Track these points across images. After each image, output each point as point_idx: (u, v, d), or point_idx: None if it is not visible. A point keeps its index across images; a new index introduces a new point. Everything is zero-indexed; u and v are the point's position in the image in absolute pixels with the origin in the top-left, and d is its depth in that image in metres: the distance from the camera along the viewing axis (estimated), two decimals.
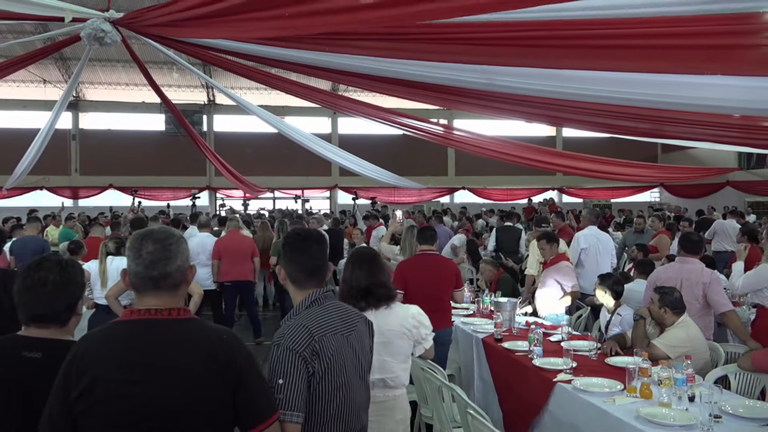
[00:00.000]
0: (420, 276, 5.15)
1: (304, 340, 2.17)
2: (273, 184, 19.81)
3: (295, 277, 2.39)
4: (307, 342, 2.17)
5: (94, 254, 6.85)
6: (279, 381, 2.08)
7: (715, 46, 3.36)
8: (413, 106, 12.26)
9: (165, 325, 1.85)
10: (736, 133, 5.80)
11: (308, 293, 2.36)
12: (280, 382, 2.08)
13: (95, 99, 22.80)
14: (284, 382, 2.08)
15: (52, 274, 2.11)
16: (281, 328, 2.26)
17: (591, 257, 7.40)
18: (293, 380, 2.10)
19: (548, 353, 4.45)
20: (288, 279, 2.40)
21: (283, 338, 2.17)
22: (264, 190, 18.79)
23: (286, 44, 4.76)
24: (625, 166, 14.26)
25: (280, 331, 2.24)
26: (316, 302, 2.34)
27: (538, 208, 19.53)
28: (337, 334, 2.29)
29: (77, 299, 2.19)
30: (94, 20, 5.10)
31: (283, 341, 2.16)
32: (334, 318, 2.34)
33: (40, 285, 2.08)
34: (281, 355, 2.13)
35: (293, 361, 2.12)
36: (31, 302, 2.09)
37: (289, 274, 2.40)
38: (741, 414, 3.24)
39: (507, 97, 5.09)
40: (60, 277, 2.11)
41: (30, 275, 2.11)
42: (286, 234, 2.60)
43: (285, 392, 2.07)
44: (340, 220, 13.50)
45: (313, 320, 2.26)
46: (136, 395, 1.74)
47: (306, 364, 2.14)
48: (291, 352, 2.13)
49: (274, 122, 11.46)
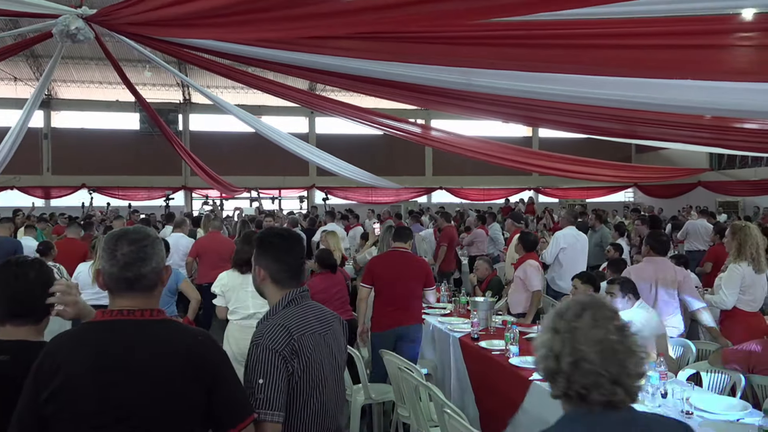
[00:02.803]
0: (389, 272, 5.21)
1: (284, 339, 2.16)
2: (250, 184, 19.65)
3: (279, 277, 2.37)
4: (286, 341, 2.16)
5: (71, 255, 6.75)
6: (259, 381, 2.07)
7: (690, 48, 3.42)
8: (391, 106, 12.28)
9: (138, 326, 1.83)
10: (707, 134, 5.91)
11: (286, 293, 2.35)
12: (260, 382, 2.07)
13: (68, 97, 22.41)
14: (264, 381, 2.08)
15: (32, 270, 2.08)
16: (259, 328, 2.25)
17: (569, 257, 7.47)
18: (273, 379, 2.09)
19: (524, 352, 4.48)
20: (269, 279, 2.37)
21: (262, 338, 2.16)
22: (240, 190, 18.64)
23: (264, 44, 4.73)
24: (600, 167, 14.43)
25: (258, 330, 2.22)
26: (293, 302, 2.34)
27: (515, 207, 19.68)
28: (315, 334, 2.29)
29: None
30: (67, 17, 5.00)
31: (262, 341, 2.15)
32: (311, 318, 2.34)
33: (22, 280, 2.04)
34: (261, 354, 2.12)
35: (273, 361, 2.11)
36: (11, 298, 2.04)
37: (272, 275, 2.37)
38: (712, 410, 3.30)
39: (484, 97, 5.11)
40: (39, 274, 2.08)
41: (10, 271, 2.06)
42: (263, 234, 2.56)
43: (265, 392, 2.06)
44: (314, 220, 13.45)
45: (292, 320, 2.25)
46: (109, 397, 1.71)
47: (286, 363, 2.14)
48: (271, 352, 2.12)
49: (250, 122, 11.38)
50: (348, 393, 4.76)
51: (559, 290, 7.32)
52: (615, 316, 1.62)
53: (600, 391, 1.54)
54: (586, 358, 1.55)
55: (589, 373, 1.54)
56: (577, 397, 1.59)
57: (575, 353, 1.56)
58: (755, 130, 5.37)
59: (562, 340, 1.59)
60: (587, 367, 1.54)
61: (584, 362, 1.55)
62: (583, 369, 1.55)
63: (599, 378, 1.53)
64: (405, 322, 5.20)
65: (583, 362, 1.55)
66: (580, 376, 1.55)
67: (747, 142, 6.41)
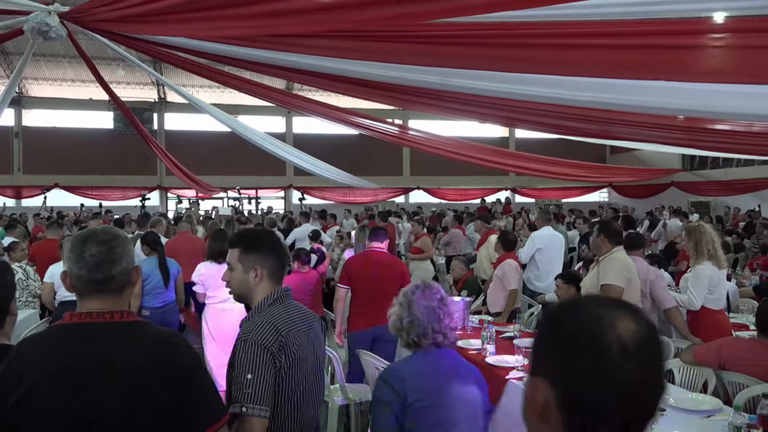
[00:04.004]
0: (364, 272, 5.22)
1: (272, 335, 2.20)
2: (226, 184, 19.50)
3: (278, 273, 2.43)
4: (274, 337, 2.20)
5: (51, 256, 6.60)
6: (248, 376, 2.11)
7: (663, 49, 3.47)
8: (368, 106, 12.26)
9: (108, 329, 1.78)
10: (680, 135, 6.01)
11: (271, 291, 2.38)
12: (248, 377, 2.10)
13: (39, 95, 21.98)
14: (253, 377, 2.11)
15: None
16: (247, 325, 2.28)
17: (546, 257, 7.52)
18: (262, 375, 2.12)
19: (501, 351, 4.51)
20: (266, 276, 2.39)
21: (251, 334, 2.19)
22: (217, 189, 18.49)
23: (240, 42, 4.69)
24: (575, 167, 14.60)
25: (246, 327, 2.26)
26: (278, 300, 2.38)
27: (491, 207, 19.80)
28: (300, 332, 2.33)
29: (8, 300, 2.10)
30: (38, 13, 4.91)
31: (251, 337, 2.18)
32: (296, 316, 2.38)
33: None
34: (249, 350, 2.15)
35: (261, 356, 2.15)
36: None
37: (270, 271, 2.40)
38: (684, 407, 3.35)
39: (461, 98, 5.14)
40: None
41: None
42: (258, 234, 2.60)
43: (254, 387, 2.10)
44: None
45: (278, 317, 2.29)
46: (78, 400, 1.67)
47: (274, 359, 2.17)
48: (259, 347, 2.16)
49: (227, 121, 11.30)
50: (325, 393, 4.74)
51: (536, 290, 7.36)
52: (438, 291, 2.59)
53: (427, 337, 2.49)
54: (417, 317, 2.50)
55: (420, 327, 2.49)
56: (413, 343, 2.54)
57: (410, 314, 2.52)
58: (726, 131, 5.48)
59: (403, 308, 2.55)
60: (418, 323, 2.50)
61: (416, 321, 2.50)
62: (414, 324, 2.51)
63: (426, 330, 2.48)
64: (382, 322, 5.13)
65: (416, 321, 2.50)
66: (414, 329, 2.50)
67: (718, 143, 6.53)
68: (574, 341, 0.97)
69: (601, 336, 0.95)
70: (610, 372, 0.94)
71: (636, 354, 0.95)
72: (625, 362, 0.94)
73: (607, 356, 0.94)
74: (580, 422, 0.96)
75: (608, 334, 0.95)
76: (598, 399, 0.95)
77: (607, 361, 0.94)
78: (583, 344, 0.96)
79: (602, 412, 0.95)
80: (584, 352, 0.96)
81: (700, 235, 5.10)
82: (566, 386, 0.97)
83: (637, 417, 0.97)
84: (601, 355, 0.95)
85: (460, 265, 7.72)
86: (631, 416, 0.96)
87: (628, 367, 0.94)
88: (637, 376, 0.95)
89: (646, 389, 0.97)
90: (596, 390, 0.94)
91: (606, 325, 0.96)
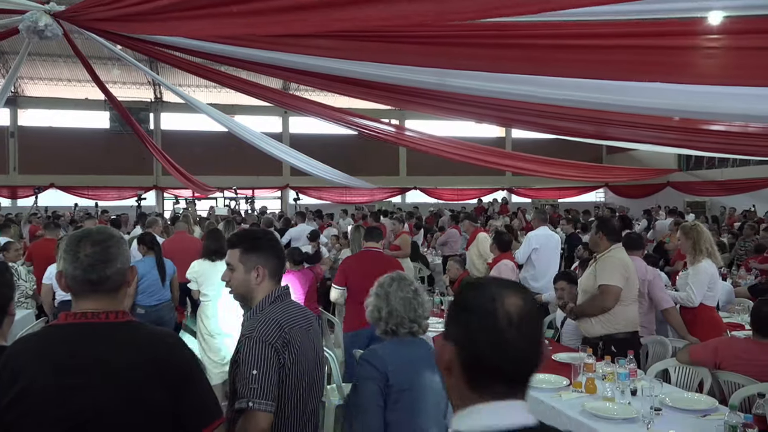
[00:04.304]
0: (361, 271, 5.22)
1: (276, 332, 2.25)
2: (223, 184, 19.47)
3: (279, 272, 2.49)
4: (278, 334, 2.25)
5: (49, 256, 6.58)
6: (253, 372, 2.16)
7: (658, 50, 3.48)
8: (365, 106, 12.26)
9: (102, 329, 1.78)
10: (675, 135, 6.02)
11: (272, 290, 2.43)
12: (254, 373, 2.15)
13: (35, 95, 21.90)
14: (258, 372, 2.16)
15: None
16: (250, 323, 2.33)
17: (542, 257, 7.52)
18: (267, 370, 2.18)
19: None
20: (268, 276, 2.44)
21: (255, 331, 2.24)
22: (214, 189, 18.46)
23: (237, 42, 4.69)
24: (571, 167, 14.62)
25: (249, 325, 2.31)
26: (279, 299, 2.43)
27: (487, 207, 19.82)
28: (301, 329, 2.38)
29: (8, 299, 2.09)
30: (34, 12, 4.89)
31: (255, 334, 2.23)
32: (296, 313, 2.42)
33: None
34: (254, 346, 2.20)
35: (266, 352, 2.20)
36: None
37: (272, 270, 2.45)
38: (680, 406, 3.36)
39: (458, 98, 5.15)
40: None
41: None
42: (259, 234, 2.63)
43: (259, 382, 2.15)
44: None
45: (281, 314, 2.34)
46: (73, 401, 1.67)
47: (278, 355, 2.23)
48: (264, 344, 2.21)
49: (223, 121, 11.28)
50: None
51: (532, 290, 7.34)
52: (412, 284, 2.79)
53: (404, 327, 2.66)
54: (395, 308, 2.66)
55: (397, 317, 2.66)
56: (391, 332, 2.68)
57: (388, 305, 2.67)
58: (721, 131, 5.49)
59: (381, 299, 2.71)
60: (396, 313, 2.67)
61: (394, 311, 2.66)
62: (392, 314, 2.67)
63: (403, 320, 2.66)
64: None
65: (394, 311, 2.66)
66: (390, 318, 2.67)
67: (713, 143, 6.55)
68: (472, 312, 1.24)
69: (493, 309, 1.22)
70: (498, 337, 1.21)
71: (519, 324, 1.22)
72: (510, 329, 1.21)
73: (496, 324, 1.21)
74: (475, 376, 1.23)
75: (499, 307, 1.22)
76: (488, 357, 1.21)
77: (496, 328, 1.21)
78: (479, 315, 1.23)
79: (491, 368, 1.21)
80: (479, 321, 1.23)
81: (698, 234, 5.14)
82: (465, 347, 1.24)
83: (519, 373, 1.24)
84: (491, 324, 1.21)
85: (456, 265, 7.72)
86: (514, 373, 1.24)
87: (513, 333, 1.21)
88: (519, 340, 1.21)
89: (527, 352, 1.23)
90: (487, 350, 1.21)
91: (498, 301, 1.22)
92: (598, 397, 3.51)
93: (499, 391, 1.23)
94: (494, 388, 1.23)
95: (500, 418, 1.20)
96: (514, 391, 1.24)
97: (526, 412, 1.24)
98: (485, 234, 8.85)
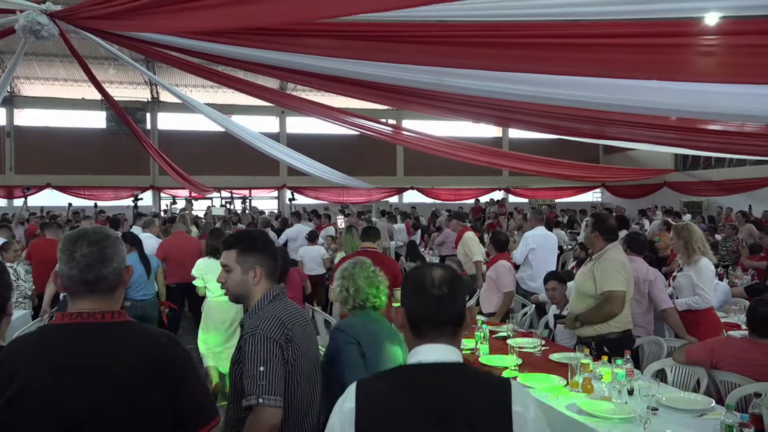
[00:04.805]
0: None
1: (278, 329, 2.28)
2: (220, 184, 19.44)
3: (272, 272, 2.50)
4: (281, 331, 2.28)
5: (50, 256, 6.60)
6: (260, 368, 2.18)
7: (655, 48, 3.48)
8: (363, 106, 12.26)
9: (99, 329, 1.77)
10: (672, 135, 6.03)
11: (269, 289, 2.45)
12: (261, 369, 2.18)
13: (32, 95, 21.85)
14: (265, 368, 2.18)
15: None
16: (251, 321, 2.35)
17: (539, 257, 7.52)
18: (273, 366, 2.20)
19: (494, 351, 4.52)
20: (264, 276, 2.47)
21: (258, 329, 2.26)
22: (211, 189, 18.44)
23: (234, 41, 4.68)
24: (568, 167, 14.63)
25: (251, 323, 2.32)
26: (277, 297, 2.45)
27: (485, 207, 19.83)
28: (301, 326, 2.41)
29: (6, 300, 2.09)
30: (30, 12, 4.88)
31: (258, 331, 2.25)
32: (294, 311, 2.45)
33: None
34: (259, 343, 2.23)
35: (271, 348, 2.23)
36: None
37: (268, 271, 2.48)
38: (677, 406, 3.36)
39: (455, 97, 5.14)
40: None
41: None
42: (255, 235, 2.63)
43: (267, 378, 2.17)
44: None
45: (281, 312, 2.37)
46: (70, 401, 1.66)
47: (282, 351, 2.26)
48: (268, 340, 2.24)
49: (220, 121, 11.26)
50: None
51: (529, 290, 7.37)
52: (370, 266, 3.14)
53: (369, 302, 3.03)
54: (360, 286, 3.02)
55: (363, 293, 3.02)
56: (358, 307, 3.03)
57: (354, 285, 3.03)
58: (718, 131, 5.50)
59: (347, 281, 3.05)
60: (361, 290, 3.01)
61: (360, 288, 3.02)
62: (358, 291, 3.02)
63: (368, 295, 3.03)
64: None
65: (360, 289, 3.02)
66: (357, 295, 3.02)
67: (711, 143, 6.56)
68: (410, 282, 1.80)
69: (422, 277, 1.76)
70: (424, 295, 1.74)
71: (439, 285, 1.74)
72: (432, 289, 1.74)
73: (423, 287, 1.75)
74: (415, 326, 1.76)
75: (426, 276, 1.76)
76: (420, 311, 1.76)
77: (423, 290, 1.74)
78: (413, 282, 1.79)
79: (424, 317, 1.75)
80: (413, 287, 1.78)
81: (689, 233, 5.15)
82: (407, 307, 1.78)
83: (444, 321, 1.74)
84: (420, 287, 1.75)
85: (453, 265, 7.72)
86: (440, 323, 1.74)
87: (434, 292, 1.73)
88: (441, 298, 1.73)
89: (447, 306, 1.75)
90: (419, 306, 1.76)
91: (426, 273, 1.78)
92: (595, 396, 3.51)
93: (431, 337, 1.73)
94: (427, 335, 1.74)
95: (430, 355, 1.72)
96: (442, 338, 1.73)
97: (451, 353, 1.73)
98: (471, 233, 8.90)
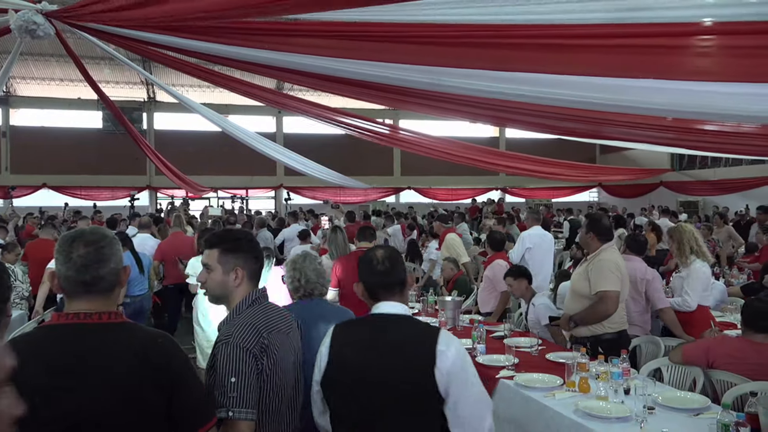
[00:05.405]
0: (353, 273, 5.17)
1: (253, 337, 2.16)
2: (217, 184, 19.44)
3: (255, 274, 2.39)
4: (256, 339, 2.16)
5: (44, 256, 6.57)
6: (231, 379, 2.06)
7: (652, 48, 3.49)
8: (359, 106, 12.26)
9: (95, 330, 1.77)
10: (669, 135, 6.04)
11: (249, 293, 2.34)
12: (232, 381, 2.06)
13: (27, 94, 21.81)
14: (237, 380, 2.07)
15: None
16: (226, 328, 2.23)
17: (536, 257, 7.52)
18: (245, 377, 2.08)
19: (491, 350, 4.52)
20: (246, 278, 2.35)
21: (232, 337, 2.14)
22: (207, 189, 18.43)
23: (230, 41, 4.67)
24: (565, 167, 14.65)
25: (226, 329, 2.21)
26: (257, 301, 2.33)
27: (482, 207, 19.84)
28: (281, 332, 2.30)
29: (5, 301, 2.08)
30: (26, 11, 4.87)
31: (232, 339, 2.13)
32: (275, 317, 2.34)
33: None
34: (231, 353, 2.11)
35: (244, 359, 2.10)
36: None
37: (250, 272, 2.37)
38: (673, 405, 3.37)
39: (452, 97, 5.14)
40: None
41: None
42: (239, 235, 2.52)
43: (238, 390, 2.05)
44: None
45: (259, 318, 2.25)
46: (66, 402, 1.65)
47: (256, 361, 2.13)
48: (241, 350, 2.11)
49: (217, 121, 11.26)
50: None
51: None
52: (317, 258, 3.50)
53: (316, 290, 3.35)
54: (310, 277, 3.33)
55: (312, 283, 3.33)
56: (307, 295, 3.33)
57: (304, 276, 3.32)
58: (714, 131, 5.51)
59: (298, 272, 3.33)
60: (311, 281, 3.33)
61: (309, 279, 3.32)
62: (308, 282, 3.33)
63: (316, 285, 3.34)
64: None
65: (309, 279, 3.32)
66: (307, 285, 3.31)
67: (707, 142, 6.58)
68: (363, 262, 2.37)
69: (371, 256, 2.36)
70: (373, 270, 2.32)
71: (383, 262, 2.33)
72: (378, 265, 2.32)
73: (371, 263, 2.34)
74: (373, 291, 2.33)
75: (373, 255, 2.35)
76: (371, 280, 2.34)
77: (372, 265, 2.33)
78: (364, 263, 2.36)
79: (376, 284, 2.33)
80: (365, 266, 2.35)
81: (680, 234, 5.15)
82: (363, 279, 2.36)
83: (391, 284, 2.33)
84: (369, 264, 2.34)
85: (450, 265, 7.73)
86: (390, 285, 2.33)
87: (380, 267, 2.32)
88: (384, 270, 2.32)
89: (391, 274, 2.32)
90: (369, 277, 2.34)
91: (372, 254, 2.36)
92: (592, 396, 3.52)
93: (383, 298, 2.31)
94: (380, 296, 2.31)
95: (384, 309, 2.30)
96: (392, 297, 2.31)
97: (399, 308, 2.31)
98: (454, 234, 8.94)
